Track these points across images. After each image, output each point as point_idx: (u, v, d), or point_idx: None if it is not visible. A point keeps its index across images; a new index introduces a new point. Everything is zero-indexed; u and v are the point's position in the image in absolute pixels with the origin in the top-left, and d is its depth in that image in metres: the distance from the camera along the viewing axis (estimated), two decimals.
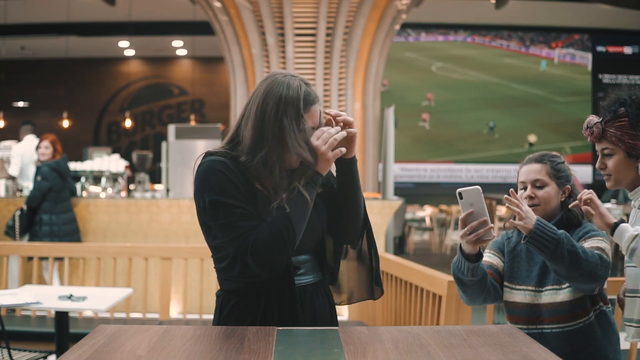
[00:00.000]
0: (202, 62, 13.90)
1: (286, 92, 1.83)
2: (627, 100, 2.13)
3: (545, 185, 2.28)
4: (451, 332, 1.63)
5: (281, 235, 1.74)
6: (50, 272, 4.93)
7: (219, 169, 1.79)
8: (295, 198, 1.78)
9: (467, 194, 1.97)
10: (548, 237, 2.04)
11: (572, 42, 13.03)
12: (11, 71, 13.00)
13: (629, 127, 2.11)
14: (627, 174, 2.15)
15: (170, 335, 1.57)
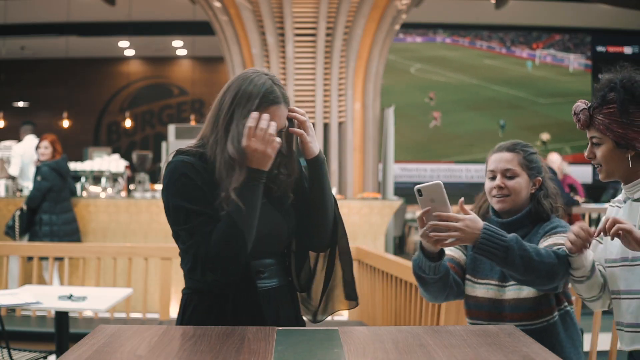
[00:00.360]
0: (202, 62, 13.90)
1: (246, 86, 1.80)
2: (617, 85, 1.95)
3: (516, 175, 2.17)
4: (451, 332, 1.63)
5: (229, 240, 1.71)
6: (50, 272, 4.93)
7: (183, 172, 1.77)
8: (240, 199, 1.73)
9: (427, 190, 1.84)
10: (496, 244, 1.90)
11: (553, 43, 12.91)
12: (11, 71, 13.00)
13: (618, 114, 1.94)
14: (617, 165, 1.99)
15: (170, 335, 1.57)
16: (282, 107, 1.81)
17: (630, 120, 1.92)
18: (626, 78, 1.95)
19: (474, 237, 1.89)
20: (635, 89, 1.92)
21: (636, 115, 1.92)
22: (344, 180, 7.30)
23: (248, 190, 1.74)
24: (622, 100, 1.93)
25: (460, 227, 1.87)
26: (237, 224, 1.71)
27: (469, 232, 1.88)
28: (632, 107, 1.92)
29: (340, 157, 7.34)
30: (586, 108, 1.99)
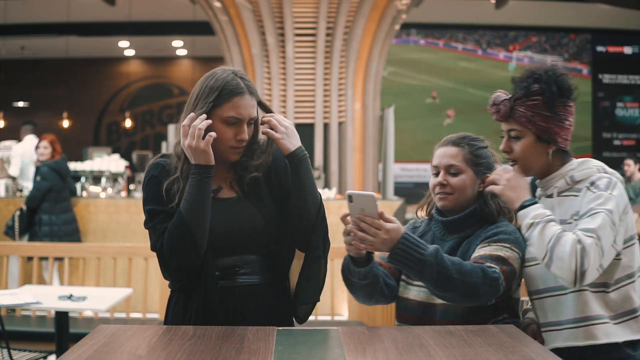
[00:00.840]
0: (202, 62, 13.89)
1: (208, 82, 1.85)
2: (542, 76, 1.86)
3: (460, 172, 1.98)
4: (451, 332, 1.63)
5: (177, 235, 1.77)
6: (50, 272, 4.93)
7: (152, 175, 1.87)
8: (186, 195, 1.79)
9: (358, 198, 1.73)
10: (412, 256, 1.75)
11: (530, 45, 12.64)
12: (11, 71, 12.99)
13: (543, 107, 1.84)
14: (536, 160, 1.88)
15: (170, 335, 1.57)
16: (247, 97, 1.83)
17: (555, 114, 1.85)
18: (551, 70, 1.88)
19: (391, 246, 1.75)
20: (561, 82, 1.86)
21: (560, 109, 1.86)
22: (344, 180, 7.29)
23: (193, 186, 1.78)
24: (549, 92, 1.85)
25: (378, 234, 1.74)
26: (185, 219, 1.76)
27: (387, 239, 1.74)
28: (557, 100, 1.85)
29: (340, 157, 7.34)
30: (507, 99, 1.88)
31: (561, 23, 12.04)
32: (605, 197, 1.77)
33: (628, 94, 12.45)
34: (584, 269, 1.68)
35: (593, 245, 1.69)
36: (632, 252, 1.84)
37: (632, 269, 1.83)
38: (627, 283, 1.82)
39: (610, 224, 1.73)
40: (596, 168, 1.87)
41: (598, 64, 12.45)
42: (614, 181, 1.82)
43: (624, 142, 12.38)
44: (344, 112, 7.32)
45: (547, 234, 1.75)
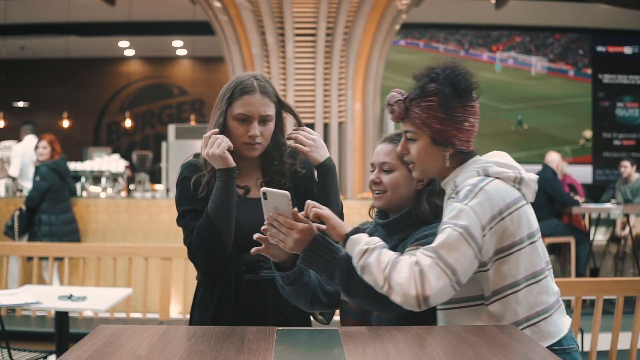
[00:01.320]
0: (202, 62, 13.89)
1: (229, 84, 2.01)
2: (439, 75, 1.74)
3: (393, 169, 1.92)
4: (451, 332, 1.63)
5: (203, 232, 1.91)
6: (50, 272, 4.92)
7: (186, 175, 2.01)
8: (213, 196, 1.93)
9: (272, 196, 1.72)
10: (322, 259, 1.71)
11: (514, 45, 12.33)
12: (11, 71, 12.99)
13: (438, 108, 1.73)
14: (432, 163, 1.78)
15: (170, 335, 1.57)
16: (257, 95, 1.96)
17: (452, 116, 1.73)
18: (449, 68, 1.75)
19: (304, 246, 1.71)
20: (459, 82, 1.73)
21: (458, 110, 1.74)
22: (344, 180, 7.29)
23: (218, 188, 1.92)
24: (444, 93, 1.73)
25: (290, 233, 1.70)
26: (211, 218, 1.91)
27: (299, 239, 1.70)
28: (454, 101, 1.73)
29: (340, 157, 7.34)
30: (402, 99, 1.78)
31: (561, 23, 12.04)
32: (457, 210, 1.65)
33: (628, 94, 12.44)
34: (425, 294, 1.57)
35: (432, 266, 1.58)
36: (515, 259, 1.69)
37: (514, 277, 1.69)
38: (509, 293, 1.69)
39: (459, 238, 1.61)
40: (476, 171, 1.74)
41: (598, 64, 12.44)
42: (477, 188, 1.67)
43: (624, 142, 12.37)
44: (344, 112, 7.32)
45: (383, 260, 1.63)
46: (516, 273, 1.69)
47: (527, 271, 1.70)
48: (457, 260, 1.60)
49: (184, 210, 1.98)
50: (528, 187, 1.76)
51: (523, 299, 1.69)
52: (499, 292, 1.69)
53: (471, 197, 1.66)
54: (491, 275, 1.69)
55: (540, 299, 1.71)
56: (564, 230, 6.62)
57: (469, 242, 1.62)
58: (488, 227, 1.65)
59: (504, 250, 1.68)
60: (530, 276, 1.71)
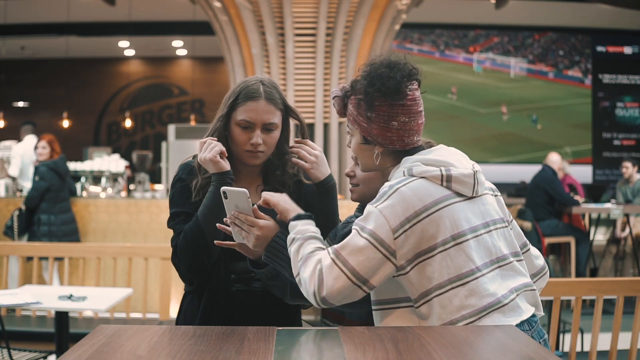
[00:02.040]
0: (202, 62, 13.90)
1: (233, 88, 1.95)
2: (369, 73, 1.70)
3: None
4: (451, 332, 1.63)
5: (191, 238, 1.85)
6: (50, 273, 4.93)
7: (180, 177, 1.96)
8: (205, 201, 1.87)
9: (231, 194, 1.72)
10: (284, 255, 1.71)
11: (492, 46, 11.97)
12: (11, 71, 13.00)
13: (364, 106, 1.70)
14: (366, 160, 1.78)
15: (170, 335, 1.57)
16: (261, 102, 1.89)
17: (376, 115, 1.69)
18: (384, 65, 1.70)
19: (266, 242, 1.71)
20: (386, 80, 1.68)
21: (382, 109, 1.69)
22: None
23: (211, 192, 1.86)
24: (367, 92, 1.69)
25: (252, 230, 1.70)
26: (199, 223, 1.85)
27: (260, 236, 1.70)
28: (378, 100, 1.69)
29: (340, 157, 7.34)
30: (340, 95, 1.76)
31: (561, 23, 12.05)
32: (367, 212, 1.63)
33: (628, 94, 12.45)
34: (322, 293, 1.57)
35: (331, 267, 1.58)
36: (438, 261, 1.61)
37: (438, 280, 1.61)
38: (434, 296, 1.62)
39: (364, 242, 1.58)
40: (402, 171, 1.70)
41: (598, 64, 12.44)
42: (392, 190, 1.63)
43: (624, 142, 12.38)
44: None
45: (301, 253, 1.64)
46: (439, 276, 1.61)
47: (451, 274, 1.62)
48: (359, 263, 1.58)
49: (174, 212, 1.93)
50: (461, 182, 1.68)
51: (447, 302, 1.61)
52: (425, 295, 1.63)
53: (383, 200, 1.62)
54: (414, 278, 1.63)
55: (467, 302, 1.62)
56: (564, 230, 6.63)
57: (376, 246, 1.59)
58: (401, 230, 1.60)
59: (425, 252, 1.62)
60: (455, 279, 1.62)
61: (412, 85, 1.72)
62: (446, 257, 1.62)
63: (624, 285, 2.93)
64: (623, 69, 12.44)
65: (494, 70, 12.07)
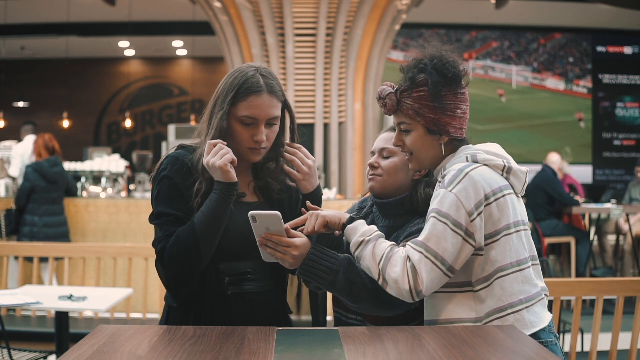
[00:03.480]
0: (202, 62, 13.89)
1: (229, 79, 1.79)
2: (427, 65, 1.76)
3: (392, 155, 1.94)
4: (451, 332, 1.63)
5: (183, 246, 1.71)
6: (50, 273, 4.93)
7: (165, 175, 1.78)
8: (205, 209, 1.73)
9: (261, 218, 1.68)
10: (323, 266, 1.72)
11: (490, 52, 11.39)
12: (11, 71, 12.99)
13: (429, 97, 1.75)
14: (427, 152, 1.80)
15: (170, 335, 1.57)
16: (264, 96, 1.77)
17: (443, 104, 1.76)
18: (437, 57, 1.77)
19: (302, 259, 1.72)
20: (447, 70, 1.76)
21: (448, 98, 1.76)
22: (344, 180, 7.29)
23: (213, 201, 1.72)
24: (433, 82, 1.75)
25: (288, 250, 1.70)
26: (196, 232, 1.71)
27: (297, 255, 1.71)
28: (444, 89, 1.76)
29: (340, 157, 7.34)
30: (393, 92, 1.80)
31: (561, 23, 12.04)
32: (441, 196, 1.69)
33: (628, 94, 12.44)
34: (418, 288, 1.64)
35: (422, 260, 1.64)
36: (502, 245, 1.71)
37: (501, 262, 1.71)
38: (496, 278, 1.71)
39: (444, 227, 1.66)
40: (465, 157, 1.77)
41: (598, 64, 12.44)
42: (462, 173, 1.70)
43: (624, 142, 12.37)
44: (344, 112, 7.32)
45: (377, 253, 1.69)
46: (502, 259, 1.71)
47: (512, 258, 1.72)
48: (445, 250, 1.65)
49: (161, 212, 1.77)
50: (517, 177, 1.78)
51: (508, 285, 1.71)
52: (487, 278, 1.72)
53: (455, 183, 1.69)
54: (481, 259, 1.72)
55: (523, 287, 1.73)
56: (564, 230, 6.62)
57: (456, 231, 1.66)
58: (475, 213, 1.68)
59: (491, 235, 1.71)
60: (515, 263, 1.72)
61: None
62: (510, 241, 1.72)
63: (624, 285, 2.93)
64: (623, 69, 12.43)
65: (492, 79, 11.39)
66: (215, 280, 1.79)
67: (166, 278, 1.77)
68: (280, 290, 1.93)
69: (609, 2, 9.40)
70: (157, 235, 1.79)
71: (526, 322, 1.72)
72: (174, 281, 1.76)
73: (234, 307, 1.80)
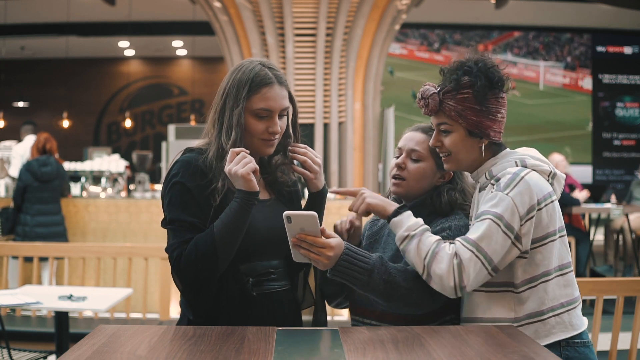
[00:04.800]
0: (202, 62, 13.89)
1: (236, 76, 1.78)
2: (472, 68, 1.77)
3: (421, 159, 1.91)
4: (451, 332, 1.62)
5: (202, 254, 1.69)
6: (50, 273, 4.93)
7: (179, 181, 1.76)
8: (225, 217, 1.71)
9: (297, 219, 1.65)
10: (357, 267, 1.70)
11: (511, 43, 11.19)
12: (11, 71, 12.99)
13: (473, 100, 1.76)
14: (467, 154, 1.81)
15: (170, 335, 1.57)
16: (276, 87, 1.77)
17: (487, 108, 1.77)
18: (481, 61, 1.79)
19: (336, 259, 1.70)
20: (492, 74, 1.77)
21: (492, 102, 1.78)
22: (344, 180, 7.29)
23: (233, 210, 1.70)
24: (479, 85, 1.76)
25: (323, 252, 1.68)
26: (215, 240, 1.69)
27: (332, 256, 1.69)
28: (489, 93, 1.78)
29: (340, 157, 7.34)
30: (436, 92, 1.80)
31: (561, 23, 12.04)
32: (498, 199, 1.71)
33: (628, 94, 12.44)
34: (462, 284, 1.68)
35: (472, 259, 1.67)
36: (548, 250, 1.75)
37: (546, 267, 1.75)
38: (540, 282, 1.75)
39: (497, 229, 1.68)
40: (514, 161, 1.79)
41: (598, 64, 12.43)
42: (518, 177, 1.73)
43: (624, 142, 12.38)
44: (344, 112, 7.32)
45: (423, 249, 1.71)
46: (549, 263, 1.75)
47: (557, 262, 1.76)
48: (495, 252, 1.68)
49: (175, 219, 1.75)
50: (559, 183, 1.85)
51: (551, 289, 1.75)
52: (531, 281, 1.75)
53: (512, 187, 1.72)
54: (526, 263, 1.75)
55: (566, 291, 1.77)
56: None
57: (506, 233, 1.69)
58: (527, 217, 1.71)
59: (538, 240, 1.74)
60: (558, 268, 1.77)
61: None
62: (555, 246, 1.76)
63: (624, 285, 2.93)
64: (623, 69, 12.43)
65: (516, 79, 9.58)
66: (237, 280, 1.76)
67: (182, 285, 1.75)
68: (295, 290, 1.93)
69: (609, 2, 9.40)
70: (170, 241, 1.77)
71: (567, 324, 1.75)
72: (190, 287, 1.74)
73: (260, 306, 1.78)
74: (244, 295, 1.77)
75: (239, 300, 1.76)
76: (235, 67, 1.81)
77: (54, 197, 5.98)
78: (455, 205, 1.91)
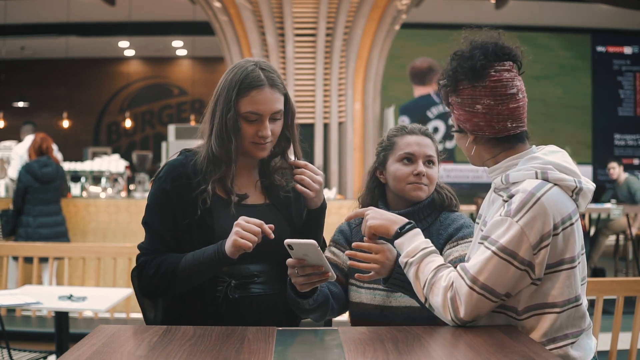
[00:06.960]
0: (202, 62, 13.90)
1: (228, 76, 1.76)
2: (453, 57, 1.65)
3: (434, 163, 1.94)
4: (451, 332, 1.62)
5: (163, 282, 1.73)
6: (50, 273, 4.93)
7: (162, 183, 1.76)
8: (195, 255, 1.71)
9: (298, 247, 1.62)
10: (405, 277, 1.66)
11: None
12: (11, 71, 13.00)
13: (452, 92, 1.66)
14: (467, 152, 1.69)
15: (170, 335, 1.57)
16: (266, 90, 1.72)
17: (461, 98, 1.59)
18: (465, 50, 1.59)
19: (390, 269, 1.65)
20: (459, 61, 1.59)
21: (465, 92, 1.59)
22: (344, 180, 7.29)
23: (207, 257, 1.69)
24: (448, 75, 1.59)
25: (379, 259, 1.64)
26: (177, 273, 1.71)
27: (387, 264, 1.64)
28: (461, 83, 1.59)
29: (340, 157, 7.34)
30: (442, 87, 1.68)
31: (561, 23, 12.04)
32: (506, 226, 1.52)
33: None
34: (458, 317, 1.55)
35: (470, 295, 1.53)
36: (561, 281, 1.56)
37: (558, 298, 1.56)
38: (546, 312, 1.57)
39: (503, 263, 1.51)
40: (535, 171, 1.57)
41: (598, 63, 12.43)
42: (533, 199, 1.52)
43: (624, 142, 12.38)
44: (344, 112, 7.32)
45: (421, 278, 1.61)
46: (559, 294, 1.56)
47: (570, 294, 1.57)
48: (500, 284, 1.52)
49: (148, 223, 1.78)
50: (585, 198, 1.63)
51: (558, 322, 1.57)
52: (534, 309, 1.58)
53: (524, 212, 1.50)
54: (533, 289, 1.57)
55: (573, 322, 1.59)
56: None
57: (516, 266, 1.51)
58: (540, 245, 1.51)
59: (551, 266, 1.55)
60: (572, 300, 1.58)
61: (500, 66, 1.58)
62: (570, 276, 1.56)
63: (624, 285, 2.92)
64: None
65: None
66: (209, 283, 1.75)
67: (138, 289, 1.82)
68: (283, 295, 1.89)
69: (609, 2, 9.40)
70: (143, 242, 1.81)
71: (570, 358, 1.59)
72: (143, 293, 1.82)
73: (241, 310, 1.77)
74: (225, 297, 1.75)
75: (210, 301, 1.75)
76: (230, 68, 1.78)
77: (55, 198, 5.98)
78: (454, 200, 1.97)
